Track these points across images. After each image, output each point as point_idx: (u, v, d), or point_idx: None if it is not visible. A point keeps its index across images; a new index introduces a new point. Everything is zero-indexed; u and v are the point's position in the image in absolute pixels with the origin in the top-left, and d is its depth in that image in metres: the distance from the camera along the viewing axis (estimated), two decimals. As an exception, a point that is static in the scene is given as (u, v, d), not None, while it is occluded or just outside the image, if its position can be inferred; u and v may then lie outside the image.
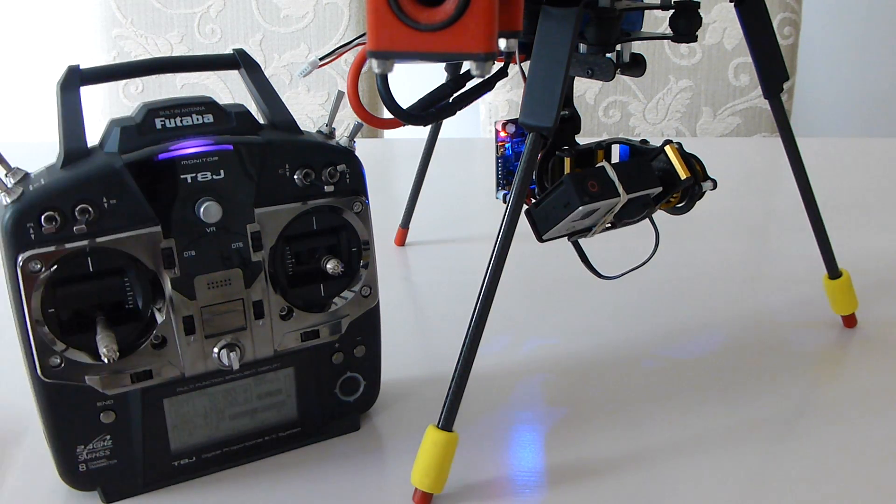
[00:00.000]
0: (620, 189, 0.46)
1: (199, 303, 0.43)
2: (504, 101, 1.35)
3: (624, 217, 0.49)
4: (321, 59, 0.50)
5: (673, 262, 0.52)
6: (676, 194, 0.51)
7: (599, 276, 0.51)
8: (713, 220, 0.82)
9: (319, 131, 0.47)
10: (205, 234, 0.42)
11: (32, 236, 0.39)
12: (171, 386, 0.44)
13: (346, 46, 0.50)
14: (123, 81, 1.33)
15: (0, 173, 0.40)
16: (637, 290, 0.65)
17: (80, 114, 0.42)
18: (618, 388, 0.55)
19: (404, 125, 0.44)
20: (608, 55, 0.48)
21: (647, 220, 0.51)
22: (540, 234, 0.47)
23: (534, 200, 0.51)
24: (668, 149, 0.50)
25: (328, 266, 0.45)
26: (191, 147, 0.41)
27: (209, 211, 0.41)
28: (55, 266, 0.39)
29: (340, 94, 0.45)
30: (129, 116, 0.42)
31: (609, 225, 0.49)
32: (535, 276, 0.71)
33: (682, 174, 0.49)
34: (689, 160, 0.51)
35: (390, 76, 0.37)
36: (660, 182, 0.48)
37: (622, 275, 0.52)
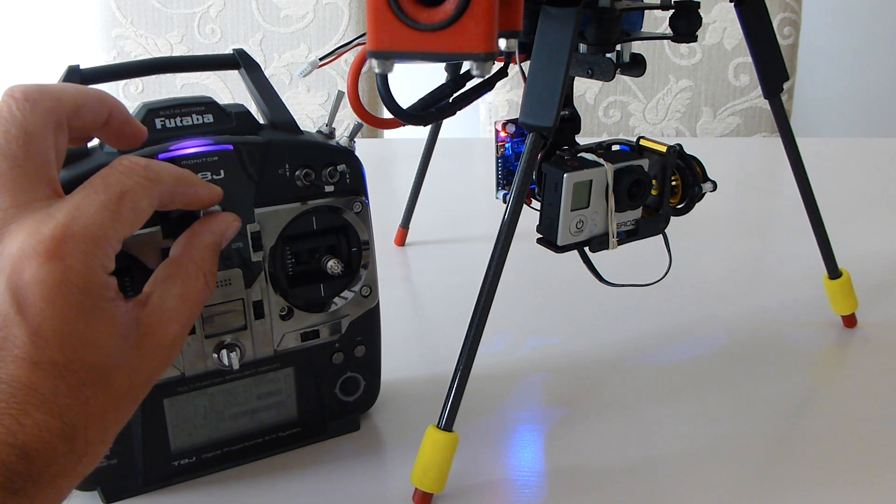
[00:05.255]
0: (602, 160, 0.46)
1: (199, 303, 0.43)
2: (504, 101, 1.35)
3: (640, 228, 0.50)
4: (321, 59, 0.50)
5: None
6: (677, 192, 0.51)
7: (602, 280, 0.51)
8: (713, 221, 0.82)
9: (319, 131, 0.47)
10: (205, 234, 0.42)
11: (32, 236, 0.39)
12: (171, 386, 0.44)
13: (346, 46, 0.50)
14: (123, 81, 1.33)
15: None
16: (637, 290, 0.64)
17: (80, 114, 0.41)
18: (618, 388, 0.55)
19: (404, 125, 0.44)
20: (608, 55, 0.48)
21: (664, 243, 0.51)
22: (553, 241, 0.47)
23: (534, 201, 0.51)
24: (641, 142, 0.50)
25: (328, 266, 0.45)
26: (191, 147, 0.41)
27: (209, 211, 0.41)
28: (55, 266, 0.39)
29: (340, 94, 0.45)
30: (129, 116, 0.42)
31: (626, 230, 0.49)
32: (535, 276, 0.71)
33: (662, 149, 0.49)
34: (689, 161, 0.51)
35: (390, 76, 0.37)
36: (650, 170, 0.48)
37: (625, 285, 0.52)
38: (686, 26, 0.50)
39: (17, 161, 0.32)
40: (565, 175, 0.45)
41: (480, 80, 0.40)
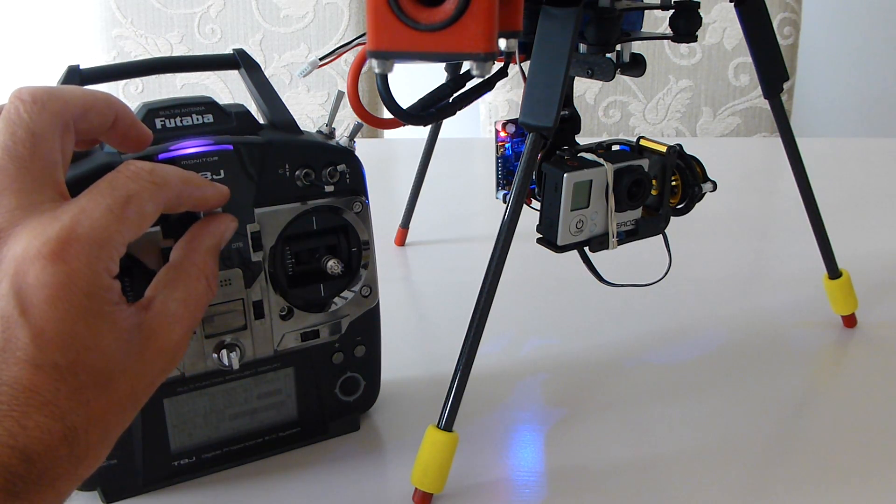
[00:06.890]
0: (602, 160, 0.46)
1: (199, 303, 0.43)
2: (504, 101, 1.35)
3: (640, 228, 0.50)
4: (321, 59, 0.50)
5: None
6: (677, 192, 0.51)
7: (602, 281, 0.51)
8: (713, 221, 0.82)
9: (319, 131, 0.47)
10: (205, 234, 0.42)
11: (32, 236, 0.39)
12: (171, 386, 0.44)
13: (346, 46, 0.50)
14: (123, 81, 1.33)
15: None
16: (637, 290, 0.64)
17: (80, 114, 0.41)
18: (617, 388, 0.55)
19: (404, 125, 0.44)
20: (608, 55, 0.48)
21: (664, 243, 0.51)
22: (553, 241, 0.47)
23: (534, 201, 0.51)
24: (641, 142, 0.50)
25: (328, 266, 0.45)
26: (191, 147, 0.41)
27: (209, 211, 0.41)
28: (55, 266, 0.39)
29: (340, 94, 0.45)
30: (129, 116, 0.42)
31: (626, 231, 0.49)
32: (535, 276, 0.71)
33: (662, 149, 0.49)
34: (689, 161, 0.51)
35: (390, 76, 0.37)
36: (650, 170, 0.48)
37: (625, 285, 0.52)
38: (686, 26, 0.50)
39: (23, 163, 0.32)
40: (565, 175, 0.45)
41: (480, 80, 0.40)
